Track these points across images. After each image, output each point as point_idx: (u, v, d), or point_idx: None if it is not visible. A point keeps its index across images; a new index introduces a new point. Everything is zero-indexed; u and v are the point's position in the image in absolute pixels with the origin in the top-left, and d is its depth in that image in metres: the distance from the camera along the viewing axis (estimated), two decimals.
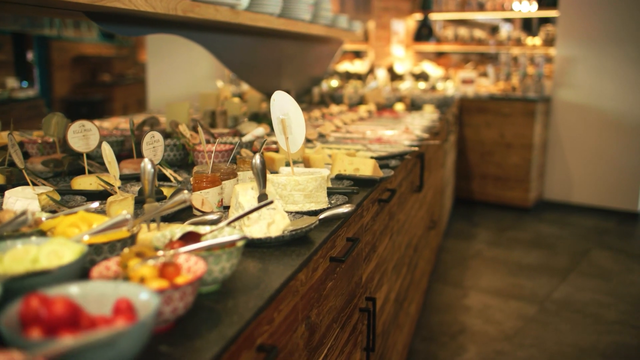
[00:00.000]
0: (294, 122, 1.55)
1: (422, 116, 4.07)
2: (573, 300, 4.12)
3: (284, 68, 3.92)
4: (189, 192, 1.54)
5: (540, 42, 7.19)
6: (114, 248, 1.06)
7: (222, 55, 2.98)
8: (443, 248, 5.18)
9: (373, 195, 1.93)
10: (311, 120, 3.57)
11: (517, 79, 6.56)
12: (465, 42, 7.84)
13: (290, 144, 1.57)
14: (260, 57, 3.52)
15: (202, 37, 2.74)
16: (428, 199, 3.75)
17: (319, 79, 4.81)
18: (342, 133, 3.06)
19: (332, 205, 1.56)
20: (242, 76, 3.25)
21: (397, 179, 2.40)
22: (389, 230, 2.30)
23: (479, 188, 6.65)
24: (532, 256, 5.02)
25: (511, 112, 6.31)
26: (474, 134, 6.57)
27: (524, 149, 6.31)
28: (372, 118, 3.90)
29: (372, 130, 3.17)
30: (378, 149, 2.54)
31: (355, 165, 1.96)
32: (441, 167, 4.70)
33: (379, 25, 7.43)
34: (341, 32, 4.20)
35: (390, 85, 5.95)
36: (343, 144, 2.67)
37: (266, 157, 2.07)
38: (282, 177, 1.55)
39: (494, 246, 5.30)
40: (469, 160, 6.64)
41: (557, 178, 6.62)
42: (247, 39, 3.29)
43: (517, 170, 6.39)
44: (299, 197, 1.54)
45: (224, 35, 2.99)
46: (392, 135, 2.96)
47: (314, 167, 1.99)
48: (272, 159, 2.05)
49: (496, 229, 5.84)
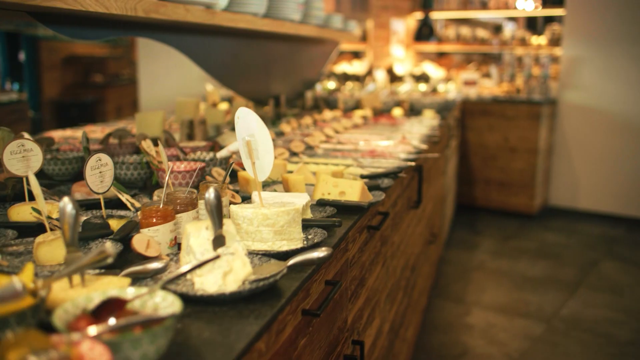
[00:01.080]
0: (260, 145, 1.30)
1: (421, 122, 3.82)
2: (583, 318, 3.86)
3: (273, 71, 3.67)
4: (135, 227, 1.30)
5: (545, 42, 6.93)
6: (7, 324, 0.81)
7: (200, 59, 2.73)
8: (444, 259, 4.93)
9: (360, 223, 1.68)
10: (301, 129, 3.32)
11: (522, 80, 6.30)
12: (468, 42, 7.57)
13: (258, 170, 1.32)
14: (246, 60, 3.26)
15: (176, 40, 2.49)
16: (427, 213, 3.50)
17: (313, 82, 4.56)
18: (332, 144, 2.81)
19: (307, 246, 1.31)
20: (224, 81, 3.00)
21: (391, 198, 2.15)
22: (381, 257, 2.05)
23: (482, 194, 6.39)
24: (538, 267, 4.77)
25: (515, 114, 6.05)
26: (477, 138, 6.31)
27: (529, 153, 6.05)
28: (367, 125, 3.64)
29: (366, 140, 2.92)
30: (370, 164, 2.29)
31: (340, 188, 1.70)
32: (442, 175, 4.44)
33: (377, 25, 7.17)
34: (335, 32, 3.94)
35: (390, 87, 5.70)
36: (332, 158, 2.42)
37: (240, 177, 1.82)
38: (248, 209, 1.30)
39: (498, 256, 5.04)
40: (472, 165, 6.38)
41: (563, 183, 6.36)
42: (229, 41, 3.04)
43: (522, 176, 6.13)
44: (267, 233, 1.29)
45: (202, 37, 2.73)
46: (387, 146, 2.70)
47: (294, 190, 1.73)
48: (247, 180, 1.79)
49: (500, 237, 5.58)
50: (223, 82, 2.99)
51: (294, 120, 3.29)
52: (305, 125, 3.44)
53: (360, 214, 1.62)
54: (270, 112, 3.50)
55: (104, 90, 8.91)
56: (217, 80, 2.94)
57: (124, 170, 1.93)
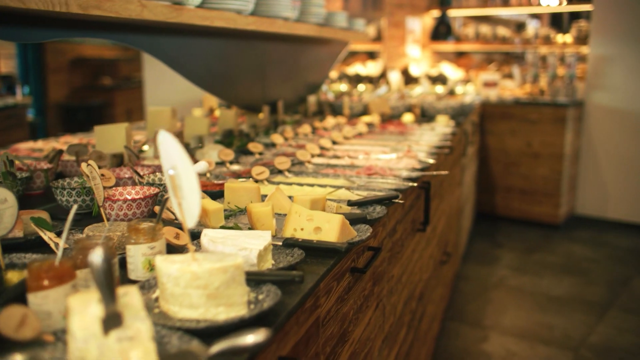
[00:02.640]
0: (184, 181, 0.97)
1: (433, 129, 3.47)
2: (614, 347, 3.47)
3: (269, 75, 3.35)
4: None
5: (571, 40, 6.50)
6: None
7: (177, 62, 2.42)
8: (461, 276, 4.56)
9: (339, 267, 1.35)
10: (297, 139, 3.00)
11: (546, 81, 5.89)
12: (488, 41, 7.17)
13: (185, 212, 1.00)
14: (236, 64, 2.95)
15: (145, 41, 2.18)
16: (439, 231, 3.15)
17: (317, 86, 4.23)
18: (326, 158, 2.48)
19: (251, 316, 0.98)
20: (208, 88, 2.69)
21: (387, 227, 1.81)
22: (374, 299, 1.71)
23: (502, 202, 6.00)
24: (564, 286, 4.37)
25: (539, 118, 5.66)
26: (498, 143, 5.92)
27: (554, 159, 5.65)
28: (373, 133, 3.31)
29: (367, 153, 2.58)
30: (366, 184, 1.96)
31: (315, 223, 1.38)
32: (458, 186, 4.08)
33: (392, 24, 6.81)
34: (339, 31, 3.61)
35: (402, 90, 5.34)
36: (322, 177, 2.09)
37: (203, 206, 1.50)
38: (175, 264, 0.98)
39: (520, 272, 4.66)
40: (492, 171, 5.99)
41: (590, 191, 5.93)
42: (215, 42, 2.73)
43: (546, 183, 5.73)
44: (199, 297, 0.97)
45: (180, 38, 2.42)
46: (388, 161, 2.36)
47: (258, 225, 1.41)
48: (205, 211, 1.48)
49: (522, 250, 5.19)
50: (207, 88, 2.67)
51: (290, 129, 2.97)
52: (302, 134, 3.12)
53: (337, 258, 1.29)
54: (265, 120, 3.18)
55: (112, 93, 8.70)
56: (200, 87, 2.63)
57: (65, 197, 1.62)
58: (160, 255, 1.12)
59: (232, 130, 2.84)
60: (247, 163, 2.38)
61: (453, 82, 6.32)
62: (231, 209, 1.63)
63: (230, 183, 1.67)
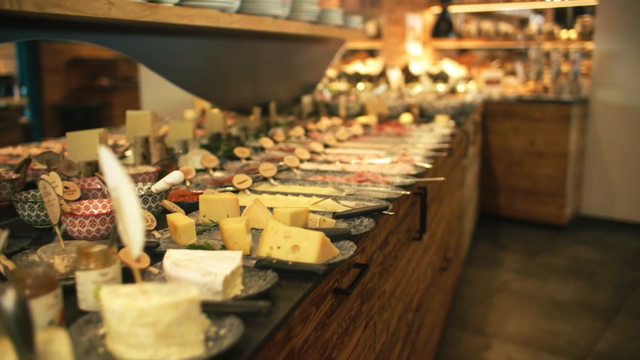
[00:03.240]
0: (126, 206, 0.84)
1: (432, 130, 3.33)
2: (622, 355, 3.34)
3: (260, 75, 3.22)
4: None
5: (575, 36, 6.34)
6: None
7: (157, 64, 2.30)
8: (463, 280, 4.42)
9: (319, 290, 1.22)
10: (288, 142, 2.87)
11: (550, 78, 5.75)
12: (490, 38, 7.02)
13: (130, 238, 0.87)
14: (223, 64, 2.82)
15: (120, 42, 2.06)
16: (438, 237, 3.02)
17: (313, 86, 4.10)
18: (317, 163, 2.35)
19: (209, 354, 0.85)
20: (193, 90, 2.56)
21: (378, 240, 1.69)
22: (363, 319, 1.59)
23: (506, 203, 5.85)
24: (569, 290, 4.23)
25: (543, 116, 5.52)
26: (500, 142, 5.78)
27: (558, 158, 5.51)
28: (368, 135, 3.17)
29: (360, 157, 2.45)
30: (356, 192, 1.83)
31: (293, 240, 1.25)
32: (459, 188, 3.95)
33: (391, 21, 6.67)
34: (333, 29, 3.48)
35: (402, 89, 5.20)
36: (309, 184, 1.96)
37: (168, 222, 1.38)
38: (120, 298, 0.86)
39: (524, 276, 4.52)
40: (495, 171, 5.85)
41: (596, 191, 5.78)
42: (200, 42, 2.60)
43: (550, 183, 5.58)
44: (146, 336, 0.84)
45: (160, 37, 2.30)
46: (382, 166, 2.23)
47: (230, 243, 1.29)
48: (174, 226, 1.35)
49: (526, 252, 5.05)
50: (192, 90, 2.55)
51: (281, 132, 2.84)
52: (295, 137, 2.99)
53: (316, 281, 1.16)
54: (256, 122, 3.05)
55: (110, 94, 8.59)
56: (184, 89, 2.50)
57: (27, 211, 1.50)
58: (107, 285, 1.00)
59: (220, 133, 2.71)
60: (233, 169, 2.25)
61: (454, 80, 6.18)
62: (206, 223, 1.51)
63: (206, 194, 1.55)
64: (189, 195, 1.80)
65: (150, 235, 1.40)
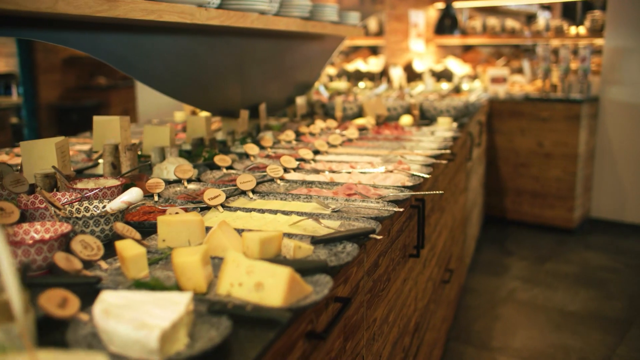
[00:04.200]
0: None
1: (433, 133, 3.12)
2: None
3: (249, 76, 3.01)
4: None
5: (585, 32, 6.10)
6: None
7: (128, 64, 2.09)
8: (467, 288, 4.21)
9: (287, 337, 1.02)
10: (276, 148, 2.67)
11: (558, 76, 5.51)
12: (496, 34, 6.78)
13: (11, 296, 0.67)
14: (206, 64, 2.61)
15: (82, 40, 1.85)
16: (439, 248, 2.81)
17: (309, 85, 3.89)
18: (304, 172, 2.14)
19: None
20: (172, 92, 2.35)
21: (367, 261, 1.48)
22: (348, 356, 1.38)
23: (512, 206, 5.63)
24: (580, 299, 4.01)
25: (551, 115, 5.29)
26: (507, 142, 5.56)
27: (567, 159, 5.28)
28: (365, 138, 2.97)
29: (353, 165, 2.24)
30: (343, 208, 1.62)
31: (257, 277, 1.05)
32: (463, 193, 3.74)
33: (394, 17, 6.45)
34: (328, 25, 3.27)
35: (403, 88, 4.99)
36: (292, 198, 1.76)
37: (117, 251, 1.18)
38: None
39: (531, 284, 4.30)
40: (501, 172, 5.63)
41: (607, 193, 5.55)
42: (179, 39, 2.39)
43: (559, 185, 5.36)
44: None
45: (130, 35, 2.09)
46: (375, 176, 2.02)
47: (183, 280, 1.08)
48: (122, 257, 1.15)
49: (534, 258, 4.83)
50: (170, 93, 2.34)
51: (269, 137, 2.64)
52: (285, 141, 2.78)
53: (281, 329, 0.96)
54: (244, 126, 2.85)
55: (108, 93, 8.40)
56: (162, 92, 2.30)
57: None
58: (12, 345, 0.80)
59: (203, 138, 2.51)
60: (211, 180, 2.05)
61: (459, 79, 5.96)
62: (163, 250, 1.31)
63: (166, 215, 1.35)
64: (156, 213, 1.61)
65: (95, 267, 1.21)
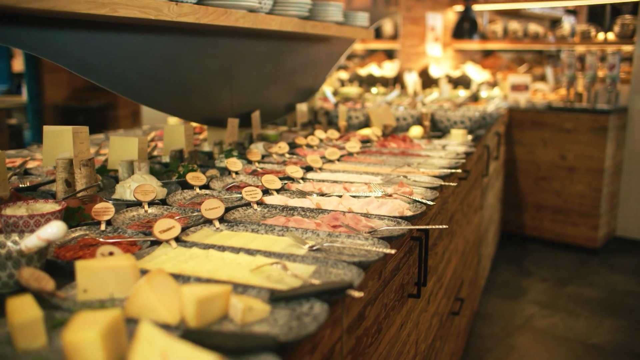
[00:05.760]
0: None
1: (445, 147, 2.82)
2: None
3: (240, 80, 2.73)
4: None
5: (614, 37, 5.73)
6: None
7: (88, 67, 1.82)
8: (480, 314, 3.88)
9: None
10: (265, 162, 2.38)
11: (584, 84, 5.16)
12: (518, 39, 6.43)
13: None
14: (187, 67, 2.33)
15: (26, 38, 1.58)
16: (448, 278, 2.49)
17: (312, 91, 3.60)
18: (288, 194, 1.85)
19: None
20: (146, 100, 2.08)
21: (347, 318, 1.18)
22: None
23: (532, 222, 5.29)
24: (605, 330, 3.66)
25: (575, 126, 4.94)
26: (527, 154, 5.22)
27: (592, 173, 4.93)
28: (368, 152, 2.67)
29: (347, 186, 1.95)
30: (325, 244, 1.33)
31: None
32: (477, 212, 3.42)
33: (410, 20, 6.13)
34: (332, 26, 2.97)
35: (415, 96, 4.68)
36: (264, 230, 1.47)
37: (7, 311, 0.89)
38: None
39: (550, 310, 3.96)
40: (520, 186, 5.29)
41: (634, 210, 5.18)
42: (153, 39, 2.12)
43: (582, 201, 5.01)
44: None
45: (92, 32, 1.82)
46: (369, 202, 1.72)
47: None
48: (9, 323, 0.87)
49: (554, 280, 4.48)
50: (142, 100, 2.07)
51: (257, 150, 2.35)
52: (277, 154, 2.49)
53: None
54: (232, 136, 2.57)
55: (116, 95, 8.18)
56: (131, 98, 2.03)
57: None
58: None
59: (182, 151, 2.23)
60: (179, 202, 1.77)
61: (477, 85, 5.63)
62: (86, 303, 1.02)
63: (86, 260, 1.06)
64: (98, 247, 1.32)
65: None
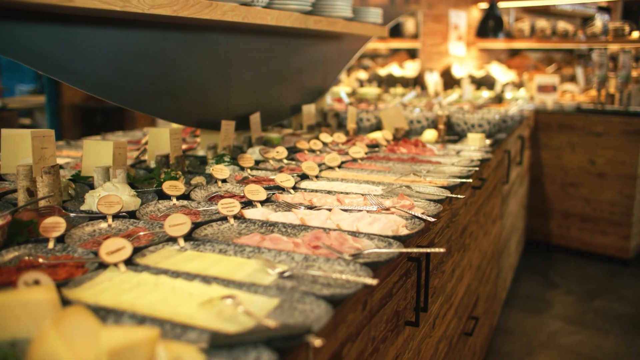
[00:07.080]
0: None
1: (459, 153, 2.60)
2: None
3: (237, 80, 2.55)
4: None
5: None
6: None
7: (60, 67, 1.66)
8: (500, 328, 3.64)
9: None
10: (259, 169, 2.19)
11: (616, 85, 4.85)
12: (546, 38, 6.14)
13: None
14: (174, 65, 2.16)
15: None
16: (458, 298, 2.28)
17: (322, 91, 3.41)
18: (273, 207, 1.66)
19: None
20: (124, 101, 1.91)
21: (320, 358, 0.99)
22: None
23: (559, 230, 5.01)
24: (636, 350, 3.39)
25: (606, 130, 4.66)
26: (554, 159, 4.94)
27: (624, 180, 4.63)
28: (373, 158, 2.46)
29: (341, 198, 1.75)
30: (299, 269, 1.14)
31: None
32: (496, 222, 3.18)
33: (432, 18, 5.90)
34: (339, 22, 2.78)
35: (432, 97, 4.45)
36: (233, 250, 1.28)
37: None
38: None
39: (577, 326, 3.69)
40: (547, 193, 5.01)
41: None
42: (132, 34, 1.95)
43: (613, 209, 4.71)
44: None
45: (65, 27, 1.66)
46: (360, 218, 1.52)
47: None
48: None
49: (581, 293, 4.21)
50: (120, 101, 1.90)
51: (250, 156, 2.17)
52: (274, 160, 2.31)
53: None
54: (227, 140, 2.39)
55: None
56: (107, 99, 1.87)
57: None
58: None
59: (167, 155, 2.07)
60: (151, 215, 1.60)
61: (501, 86, 5.37)
62: None
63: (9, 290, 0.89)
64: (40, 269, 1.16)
65: None
